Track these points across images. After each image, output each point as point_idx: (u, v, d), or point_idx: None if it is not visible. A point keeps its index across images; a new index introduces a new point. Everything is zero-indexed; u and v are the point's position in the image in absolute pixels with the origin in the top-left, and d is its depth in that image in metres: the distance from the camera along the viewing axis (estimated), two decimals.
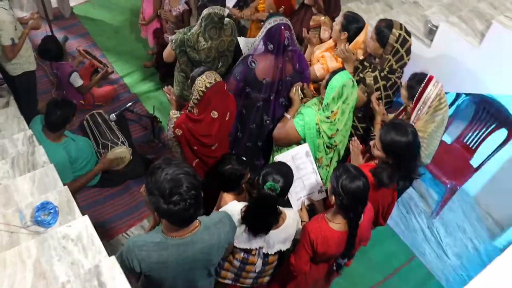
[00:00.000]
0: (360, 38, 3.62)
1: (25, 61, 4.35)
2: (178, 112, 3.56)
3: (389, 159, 2.83)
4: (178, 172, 2.05)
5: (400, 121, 2.98)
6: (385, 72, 3.43)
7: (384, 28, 3.36)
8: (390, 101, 3.56)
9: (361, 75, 3.56)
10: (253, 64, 3.44)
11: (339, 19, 3.69)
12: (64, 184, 2.91)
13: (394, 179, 2.83)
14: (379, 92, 3.41)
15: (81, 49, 5.55)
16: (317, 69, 3.74)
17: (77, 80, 4.92)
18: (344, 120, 3.27)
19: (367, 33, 3.64)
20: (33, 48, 4.59)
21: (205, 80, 3.22)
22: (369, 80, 3.44)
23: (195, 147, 3.44)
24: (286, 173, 2.80)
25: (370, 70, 3.51)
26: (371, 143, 2.96)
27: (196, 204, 2.08)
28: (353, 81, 3.20)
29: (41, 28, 4.48)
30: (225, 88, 3.37)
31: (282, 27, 3.29)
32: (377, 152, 2.86)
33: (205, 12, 3.74)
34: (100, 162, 4.09)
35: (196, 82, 3.25)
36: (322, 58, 3.77)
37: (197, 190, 2.07)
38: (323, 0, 3.98)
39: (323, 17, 4.00)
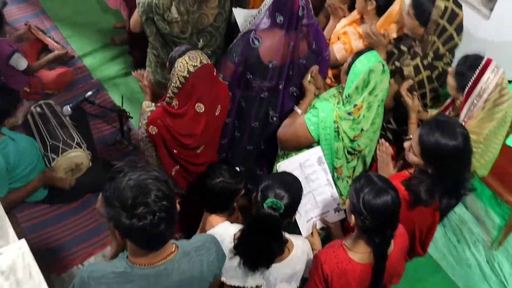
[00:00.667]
0: (393, 9, 3.67)
1: None
2: (153, 104, 3.62)
3: (429, 168, 2.87)
4: (144, 177, 2.08)
5: (446, 118, 2.99)
6: (429, 59, 3.46)
7: None
8: (437, 96, 3.62)
9: (396, 63, 3.64)
10: (256, 42, 3.49)
11: None
12: None
13: (435, 195, 2.87)
14: (410, 81, 3.47)
15: (32, 26, 5.62)
16: (337, 50, 3.81)
17: (20, 62, 5.01)
18: (371, 117, 3.32)
19: (403, 2, 3.70)
20: None
21: (187, 62, 3.29)
22: (408, 70, 3.50)
23: (174, 150, 3.51)
24: (292, 186, 2.84)
25: (409, 56, 3.56)
26: (406, 145, 2.99)
27: (168, 219, 2.09)
28: (383, 65, 3.25)
29: None
30: (215, 73, 3.44)
31: None
32: (414, 157, 2.90)
33: None
34: (38, 177, 4.11)
35: (176, 65, 3.31)
36: (343, 35, 3.84)
37: (169, 200, 2.09)
38: None
39: None
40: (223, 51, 4.06)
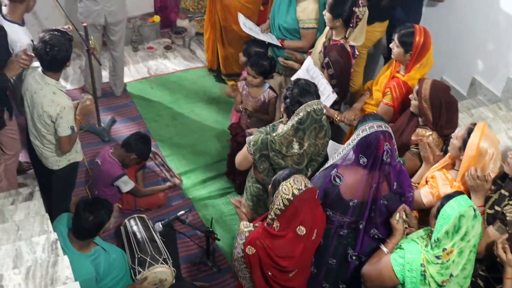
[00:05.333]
0: (490, 156, 3.65)
1: (71, 151, 4.61)
2: (251, 224, 3.65)
3: None
4: None
5: None
6: None
7: None
8: None
9: (497, 207, 3.56)
10: (337, 180, 3.51)
11: (460, 132, 3.75)
12: None
13: None
14: (507, 235, 3.37)
15: (153, 153, 5.90)
16: (424, 194, 3.77)
17: (125, 185, 5.26)
18: (462, 263, 3.23)
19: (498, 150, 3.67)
20: None
21: (292, 185, 3.33)
22: (511, 216, 3.44)
23: (269, 272, 3.48)
24: None
25: (511, 201, 3.50)
26: None
27: None
28: (474, 210, 3.19)
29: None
30: (317, 196, 3.47)
31: (381, 137, 3.37)
32: None
33: (302, 113, 3.83)
34: None
35: (280, 188, 3.36)
36: (432, 179, 3.81)
37: None
38: (432, 110, 4.06)
39: (429, 132, 4.10)
40: None
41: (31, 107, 4.36)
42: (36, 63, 4.33)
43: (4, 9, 4.57)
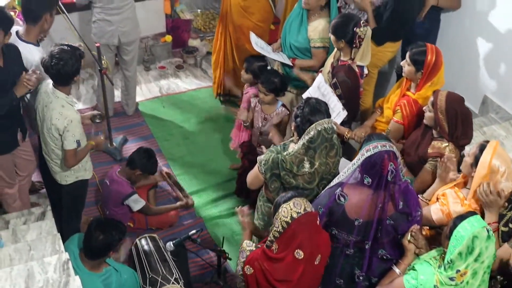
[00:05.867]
0: (502, 174, 3.62)
1: (80, 168, 4.68)
2: (254, 244, 3.66)
3: None
4: None
5: None
6: None
7: None
8: None
9: (511, 225, 3.54)
10: (342, 199, 3.52)
11: (473, 149, 3.73)
12: None
13: None
14: None
15: (164, 172, 5.91)
16: (434, 211, 3.75)
17: (136, 204, 5.28)
18: (476, 285, 3.21)
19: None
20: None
21: (291, 208, 3.34)
22: None
23: None
24: None
25: None
26: None
27: None
28: (488, 231, 3.17)
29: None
30: (318, 222, 3.46)
31: (386, 156, 3.37)
32: None
33: (313, 131, 3.83)
34: None
35: (279, 210, 3.37)
36: (442, 197, 3.79)
37: None
38: (448, 121, 4.08)
39: (445, 144, 4.09)
40: None
41: (42, 120, 4.42)
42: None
43: (20, 30, 4.62)
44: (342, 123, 4.76)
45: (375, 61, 5.13)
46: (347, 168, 3.58)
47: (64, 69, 4.15)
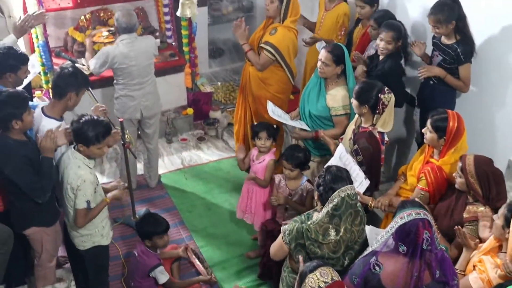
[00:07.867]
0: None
1: (97, 233, 4.73)
2: None
3: None
4: None
5: None
6: None
7: None
8: None
9: None
10: (377, 268, 3.46)
11: (501, 210, 3.70)
12: None
13: None
14: None
15: (189, 249, 5.86)
16: (473, 280, 3.67)
17: (161, 276, 5.21)
18: None
19: None
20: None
21: (318, 278, 3.28)
22: None
23: None
24: None
25: None
26: None
27: None
28: None
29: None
30: (356, 283, 3.42)
31: (420, 224, 3.33)
32: None
33: (336, 199, 3.79)
34: None
35: (306, 281, 3.31)
36: (479, 264, 3.71)
37: None
38: (480, 184, 4.04)
39: (481, 208, 4.02)
40: None
41: (61, 183, 4.50)
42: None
43: (46, 106, 4.73)
44: (364, 192, 4.71)
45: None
46: (380, 236, 3.53)
47: (88, 130, 4.29)
